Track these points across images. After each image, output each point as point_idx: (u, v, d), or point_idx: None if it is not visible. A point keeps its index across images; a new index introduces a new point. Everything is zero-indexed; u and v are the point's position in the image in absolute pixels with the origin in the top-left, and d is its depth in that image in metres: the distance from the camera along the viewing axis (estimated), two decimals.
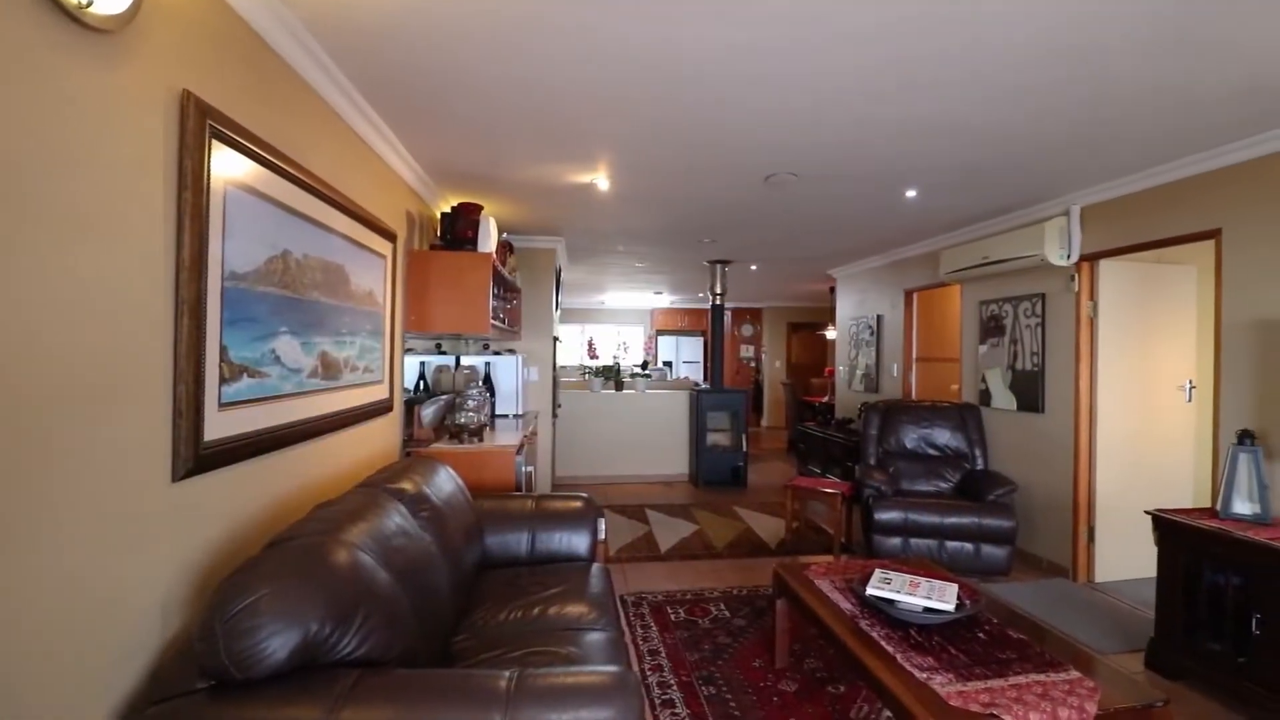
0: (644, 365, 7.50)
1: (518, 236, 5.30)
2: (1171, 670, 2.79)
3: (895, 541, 4.06)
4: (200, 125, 1.57)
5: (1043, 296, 4.30)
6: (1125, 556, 3.89)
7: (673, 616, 3.29)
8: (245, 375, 1.80)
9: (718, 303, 6.90)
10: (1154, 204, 3.52)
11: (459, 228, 3.45)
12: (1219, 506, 2.79)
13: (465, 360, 4.39)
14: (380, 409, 2.95)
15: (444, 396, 3.74)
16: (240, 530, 1.83)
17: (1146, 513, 2.93)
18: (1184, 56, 2.15)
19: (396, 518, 2.00)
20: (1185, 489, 4.06)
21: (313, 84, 2.25)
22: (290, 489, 2.15)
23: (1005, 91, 2.45)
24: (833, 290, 7.83)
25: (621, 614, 3.30)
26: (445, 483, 2.59)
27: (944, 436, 4.67)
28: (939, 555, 3.97)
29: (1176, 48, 2.09)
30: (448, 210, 3.61)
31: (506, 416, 4.48)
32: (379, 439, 3.01)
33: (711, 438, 6.77)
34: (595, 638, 2.13)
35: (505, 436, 3.62)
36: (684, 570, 4.03)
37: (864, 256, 6.59)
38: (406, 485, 2.28)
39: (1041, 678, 1.84)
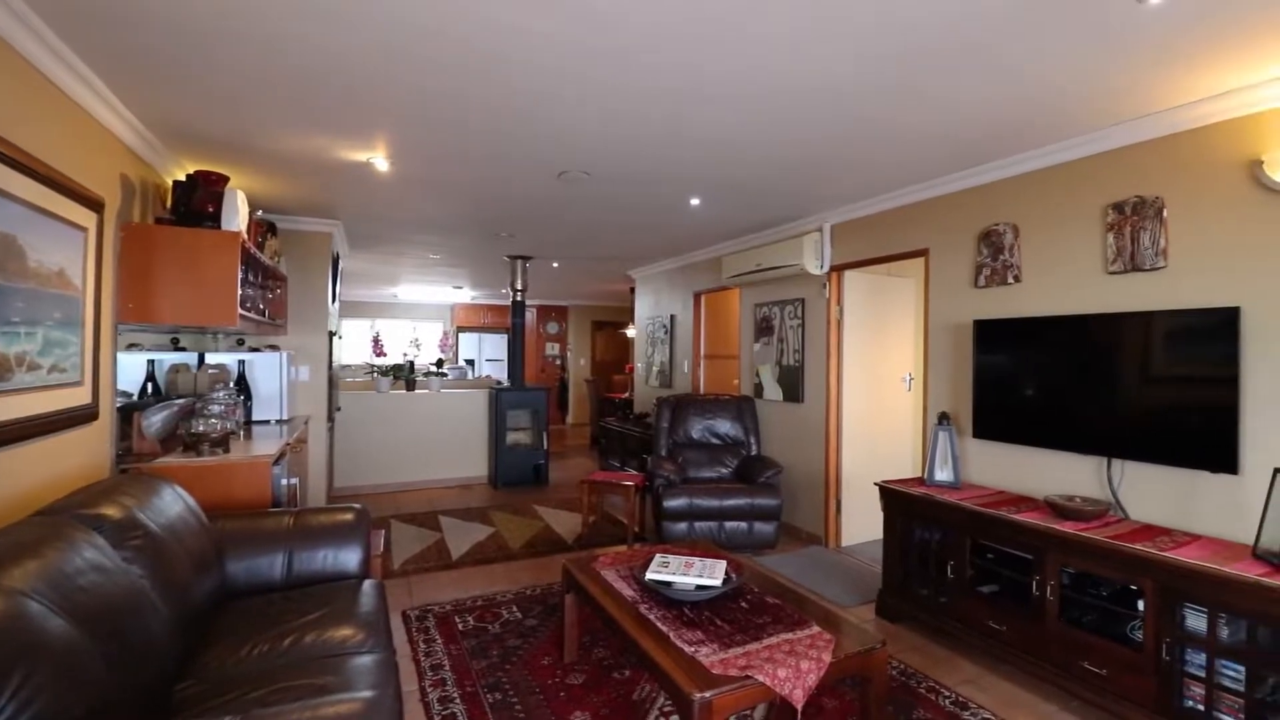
0: (439, 363, 7.10)
1: (282, 216, 4.67)
2: (894, 615, 3.32)
3: (682, 526, 4.33)
4: None
5: (803, 301, 4.87)
6: (864, 523, 4.56)
7: (460, 626, 3.14)
8: None
9: (519, 299, 6.78)
10: (885, 225, 4.17)
11: (196, 200, 2.92)
12: (926, 476, 3.38)
13: (212, 358, 3.76)
14: (78, 417, 2.38)
15: (179, 401, 3.15)
16: None
17: (875, 484, 3.45)
18: (907, 103, 2.55)
19: (88, 551, 1.62)
20: (907, 463, 4.89)
21: None
22: None
23: (774, 115, 2.70)
24: (633, 290, 8.14)
25: (405, 630, 3.08)
26: (170, 504, 2.18)
27: (725, 426, 5.08)
28: (719, 535, 4.31)
29: (902, 96, 2.47)
30: (183, 179, 3.04)
31: (267, 423, 3.92)
32: (78, 455, 2.43)
33: (512, 437, 6.64)
34: (361, 662, 1.94)
35: (261, 445, 3.16)
36: (476, 576, 3.87)
37: (659, 259, 6.94)
38: (109, 510, 1.87)
39: (790, 636, 2.06)
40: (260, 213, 3.77)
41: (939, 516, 3.08)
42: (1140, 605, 2.31)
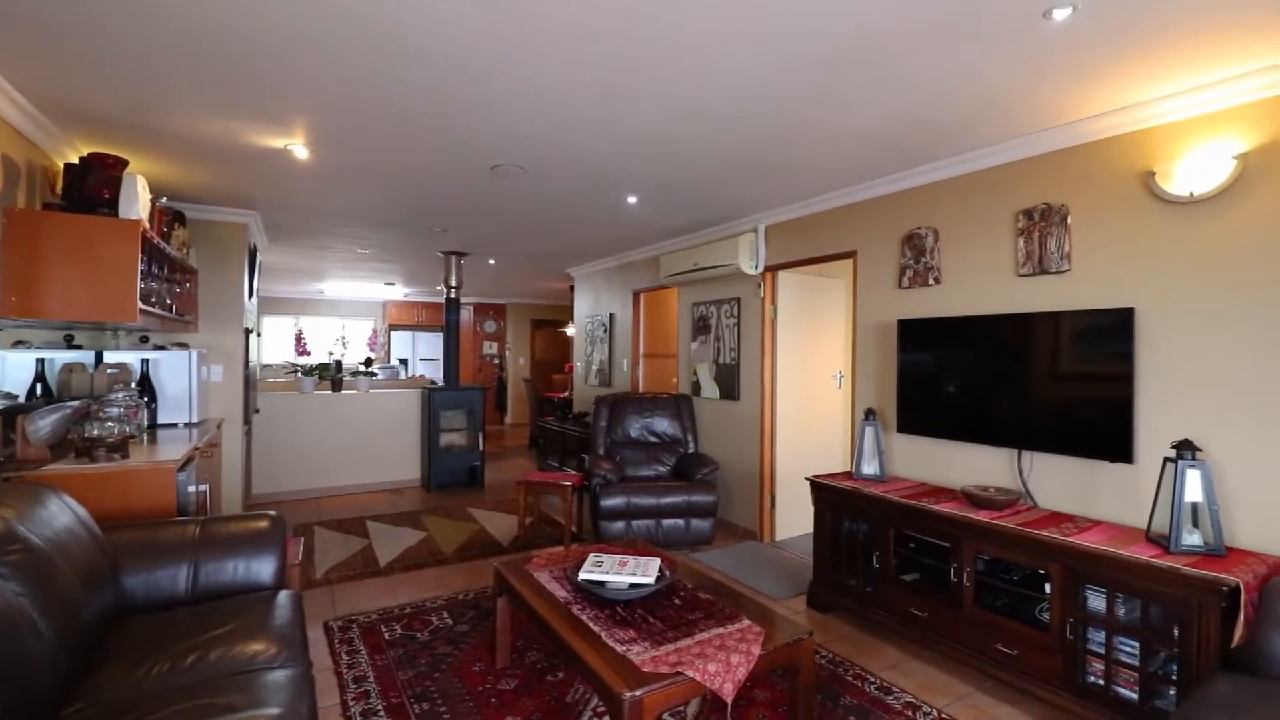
0: (368, 362, 6.82)
1: (191, 205, 4.37)
2: (825, 605, 3.40)
3: (619, 525, 4.31)
4: None
5: (738, 300, 4.95)
6: (798, 517, 4.67)
7: (387, 635, 3.01)
8: None
9: (453, 296, 6.61)
10: (816, 227, 4.28)
11: (90, 185, 2.69)
12: (853, 470, 3.49)
13: (111, 357, 3.48)
14: None
15: (72, 403, 2.89)
16: None
17: (806, 479, 3.54)
18: (832, 108, 2.62)
19: None
20: (838, 459, 5.04)
21: None
22: None
23: (706, 114, 2.71)
24: (572, 288, 8.07)
25: (326, 642, 2.93)
26: (56, 515, 1.99)
27: (663, 425, 5.10)
28: (656, 533, 4.32)
29: (827, 100, 2.53)
30: (75, 162, 2.80)
31: (175, 426, 3.66)
32: None
33: (446, 438, 6.46)
34: (274, 678, 1.83)
35: (166, 450, 2.94)
36: (405, 583, 3.73)
37: (598, 257, 6.90)
38: None
39: (721, 631, 2.07)
40: (164, 200, 3.51)
41: (865, 509, 3.18)
42: (1047, 588, 2.45)
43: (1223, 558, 2.16)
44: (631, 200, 4.28)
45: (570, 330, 8.83)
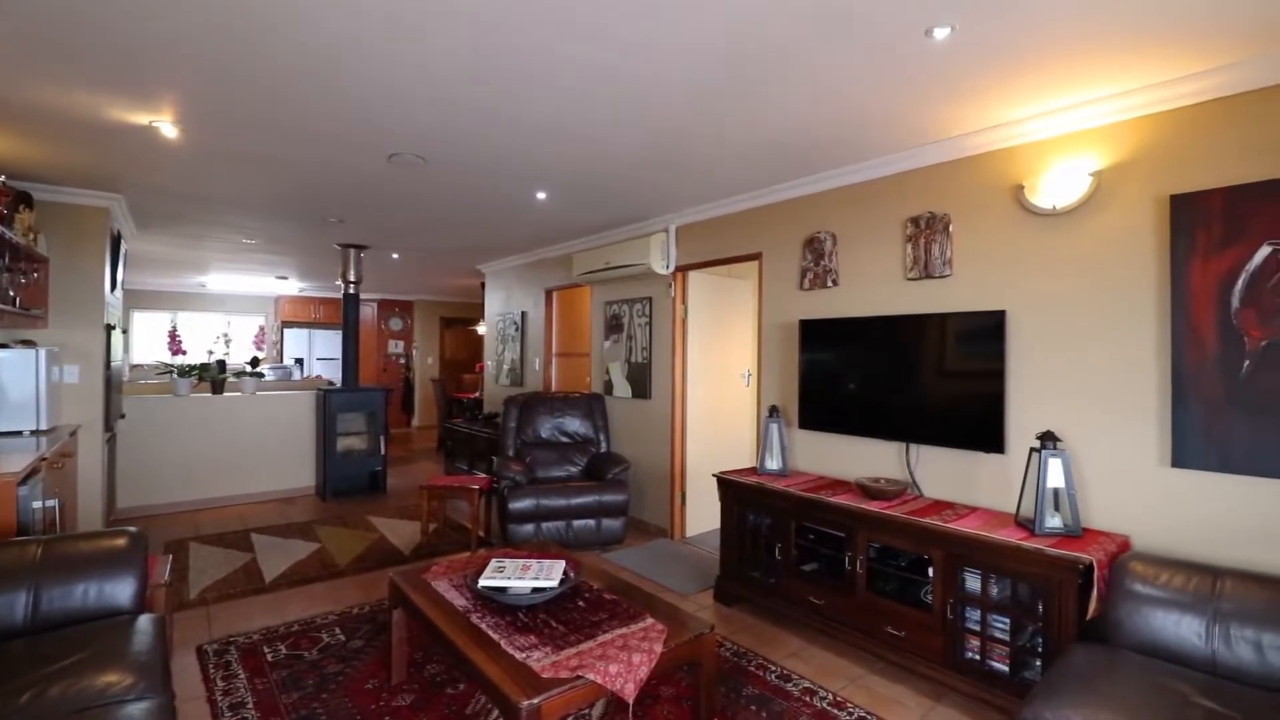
0: (254, 362, 6.32)
1: (41, 186, 3.87)
2: (731, 599, 3.47)
3: (529, 528, 4.22)
4: None
5: (650, 300, 4.98)
6: (707, 514, 4.75)
7: (270, 656, 2.79)
8: None
9: (352, 291, 6.24)
10: (724, 229, 4.37)
11: None
12: (758, 465, 3.58)
13: None
14: None
15: None
16: None
17: (714, 475, 3.60)
18: (733, 109, 2.66)
19: None
20: (746, 455, 5.17)
21: None
22: None
23: (609, 112, 2.69)
24: (483, 285, 7.85)
25: (199, 668, 2.68)
26: None
27: (574, 424, 5.04)
28: (567, 535, 4.27)
29: (727, 101, 2.57)
30: None
31: (19, 434, 3.23)
32: None
33: (344, 442, 6.10)
34: (128, 712, 1.66)
35: (4, 461, 2.58)
36: (294, 599, 3.48)
37: (509, 254, 6.74)
38: None
39: (624, 631, 2.06)
40: (3, 179, 3.07)
41: (768, 503, 3.27)
42: (930, 572, 2.61)
43: (1079, 538, 2.38)
44: (541, 196, 4.20)
45: (481, 328, 8.59)
